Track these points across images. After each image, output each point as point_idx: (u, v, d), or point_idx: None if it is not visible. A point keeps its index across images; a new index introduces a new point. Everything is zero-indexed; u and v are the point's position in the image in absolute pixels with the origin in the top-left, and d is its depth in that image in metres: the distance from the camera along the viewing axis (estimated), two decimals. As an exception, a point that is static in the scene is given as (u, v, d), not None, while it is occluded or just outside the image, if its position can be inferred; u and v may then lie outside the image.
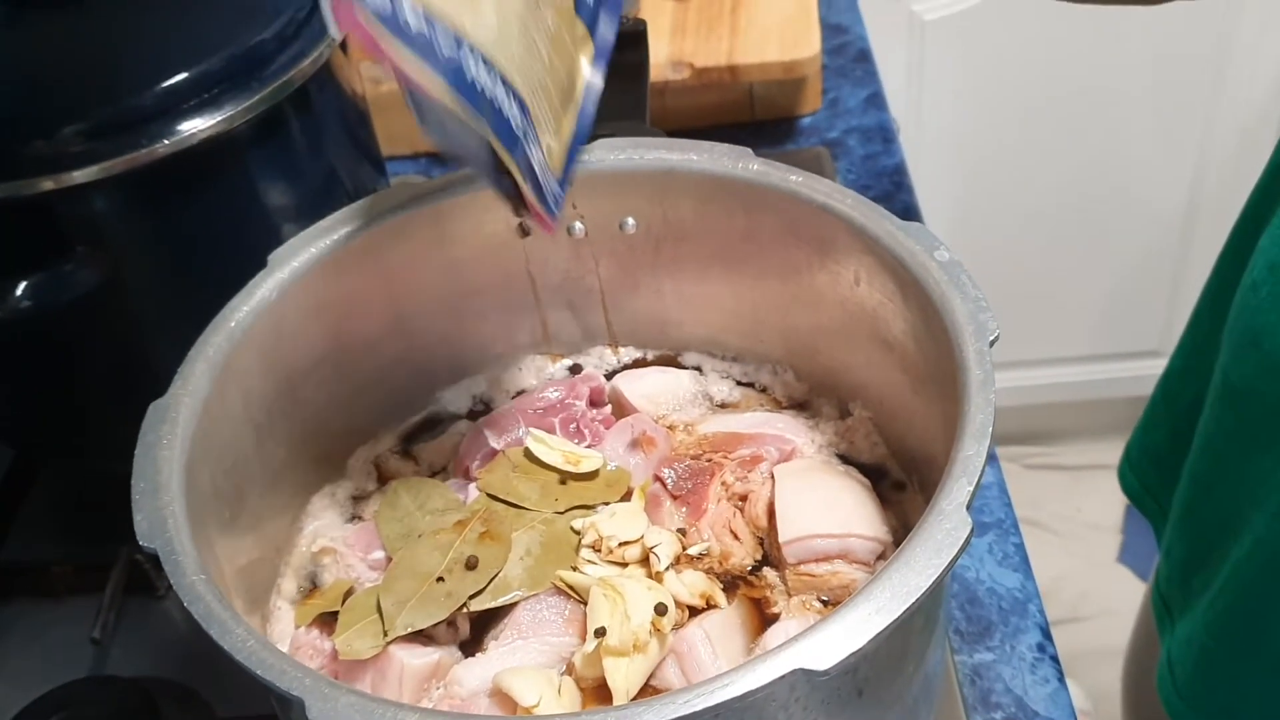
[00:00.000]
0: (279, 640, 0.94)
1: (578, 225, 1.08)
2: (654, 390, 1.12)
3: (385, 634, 0.88)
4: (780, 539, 0.94)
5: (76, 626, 1.20)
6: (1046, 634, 1.16)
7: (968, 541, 0.70)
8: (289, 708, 0.68)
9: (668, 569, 0.93)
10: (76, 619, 1.21)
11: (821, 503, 0.96)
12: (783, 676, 0.64)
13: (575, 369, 1.18)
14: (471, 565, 0.93)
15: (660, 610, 0.87)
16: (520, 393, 1.16)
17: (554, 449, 1.02)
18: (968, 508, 0.71)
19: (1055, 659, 1.14)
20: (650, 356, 1.18)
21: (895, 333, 0.94)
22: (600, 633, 0.87)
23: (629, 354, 1.19)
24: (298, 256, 0.98)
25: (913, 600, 0.66)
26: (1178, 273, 2.88)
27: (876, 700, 0.77)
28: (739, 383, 1.14)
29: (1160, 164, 2.72)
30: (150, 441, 0.84)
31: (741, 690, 0.63)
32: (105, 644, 1.17)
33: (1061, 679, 1.14)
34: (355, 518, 1.06)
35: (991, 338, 0.81)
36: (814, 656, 0.64)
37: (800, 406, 1.10)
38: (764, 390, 1.13)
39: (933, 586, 0.67)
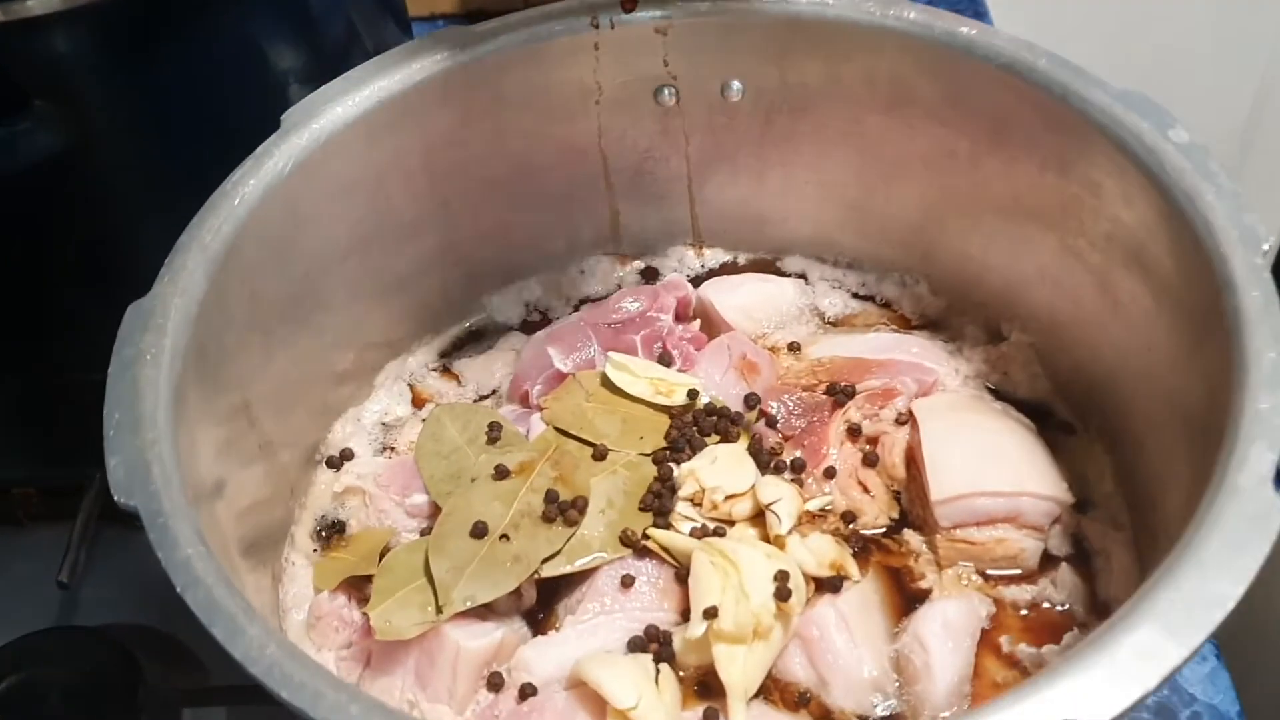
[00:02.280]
0: (293, 607, 0.75)
1: (667, 91, 0.86)
2: (750, 302, 0.92)
3: (439, 609, 0.68)
4: (932, 496, 0.75)
5: (42, 562, 1.01)
6: (1201, 602, 0.98)
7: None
8: (324, 736, 0.49)
9: (790, 532, 0.74)
10: (42, 553, 1.02)
11: (982, 451, 0.77)
12: (1044, 729, 0.45)
13: (649, 273, 0.97)
14: (546, 518, 0.73)
15: (783, 591, 0.68)
16: (584, 300, 0.95)
17: (639, 375, 0.82)
18: (1277, 482, 0.51)
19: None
20: (742, 260, 0.98)
21: (1095, 236, 0.73)
22: (711, 613, 0.68)
23: (715, 257, 0.98)
24: (318, 118, 0.77)
25: (1219, 617, 0.47)
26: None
27: None
28: (855, 294, 0.94)
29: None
30: (129, 356, 0.64)
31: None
32: (74, 587, 0.98)
33: (1219, 655, 0.95)
34: (387, 449, 0.86)
35: (1266, 246, 0.60)
36: (1086, 703, 0.45)
37: (934, 327, 0.90)
38: (887, 305, 0.93)
39: (1240, 596, 0.47)
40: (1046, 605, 0.74)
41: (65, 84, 0.86)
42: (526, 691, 0.69)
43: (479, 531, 0.72)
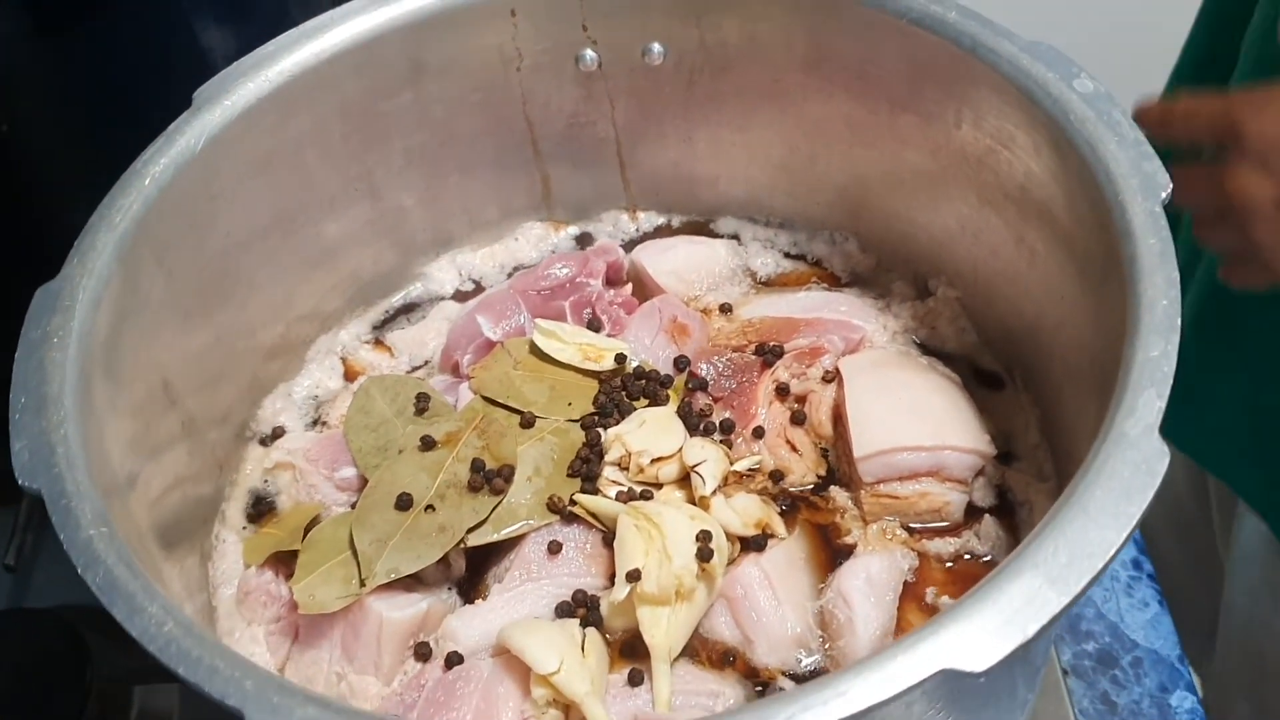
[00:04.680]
0: (223, 583, 0.75)
1: (588, 53, 0.86)
2: (683, 265, 0.91)
3: (362, 582, 0.69)
4: (855, 453, 0.75)
5: (-12, 546, 1.01)
6: (1142, 548, 0.99)
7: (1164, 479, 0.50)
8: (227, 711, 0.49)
9: (715, 493, 0.74)
10: (-12, 537, 1.02)
11: (905, 407, 0.77)
12: (921, 682, 0.45)
13: (584, 238, 0.97)
14: (472, 488, 0.73)
15: (705, 551, 0.68)
16: (518, 267, 0.95)
17: (567, 342, 0.82)
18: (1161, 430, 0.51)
19: (1154, 578, 0.97)
20: (676, 223, 0.98)
21: (1009, 187, 0.73)
22: (634, 576, 0.69)
23: (649, 220, 0.98)
24: (231, 93, 0.76)
25: (1100, 565, 0.47)
26: None
27: (1008, 674, 0.59)
28: (787, 254, 0.94)
29: None
30: (35, 340, 0.64)
31: (866, 703, 0.45)
32: (22, 571, 0.98)
33: (1162, 602, 0.96)
34: (319, 423, 0.86)
35: (1164, 194, 0.60)
36: (966, 652, 0.46)
37: (864, 283, 0.90)
38: (818, 263, 0.93)
39: (1124, 543, 0.48)
40: (969, 557, 0.74)
41: (-12, 68, 0.86)
42: (452, 660, 0.69)
43: (404, 503, 0.72)
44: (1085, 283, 0.67)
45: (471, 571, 0.75)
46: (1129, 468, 0.50)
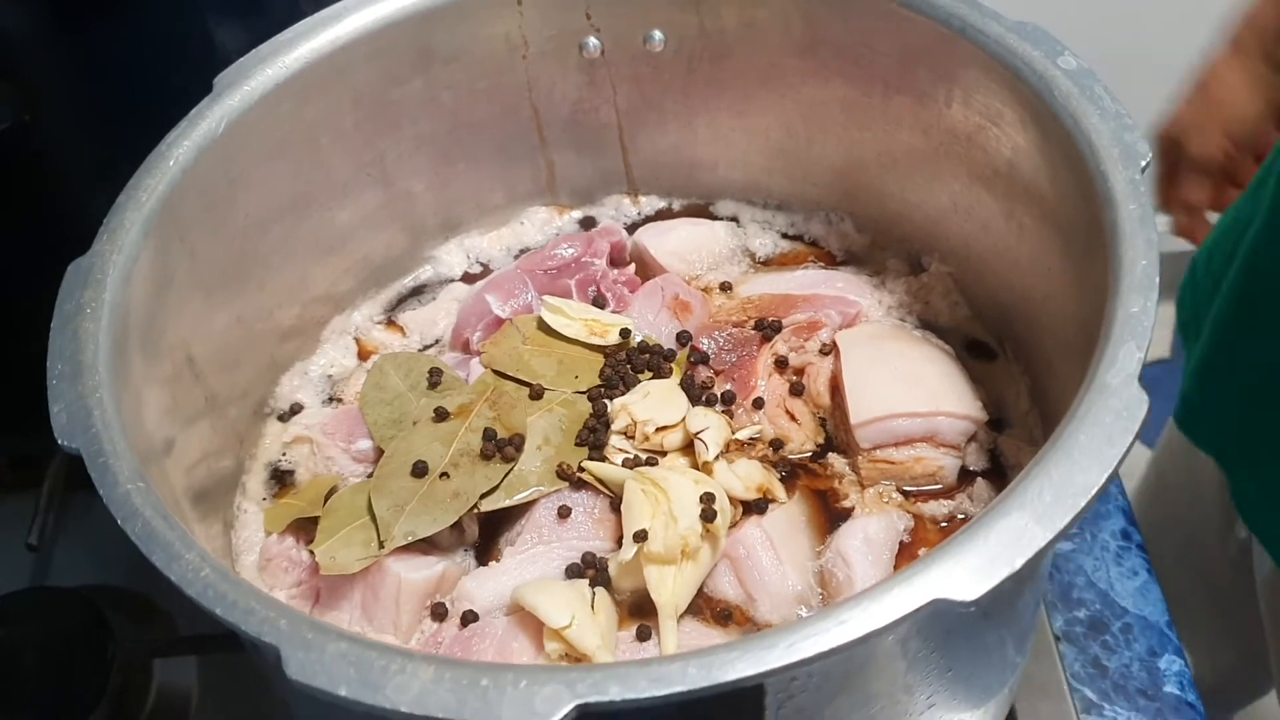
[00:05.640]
0: (245, 551, 0.78)
1: (592, 41, 0.89)
2: (684, 245, 0.94)
3: (381, 544, 0.72)
4: (851, 420, 0.78)
5: (12, 530, 1.05)
6: (1131, 518, 1.02)
7: (1144, 424, 0.53)
8: (262, 652, 0.52)
9: (717, 458, 0.77)
10: (12, 521, 1.05)
11: (899, 376, 0.80)
12: (916, 610, 0.48)
13: (587, 222, 1.00)
14: (484, 456, 0.76)
15: (708, 513, 0.71)
16: (524, 251, 0.98)
17: (573, 317, 0.85)
18: (1140, 380, 0.54)
19: (1143, 547, 1.00)
20: (676, 206, 1.01)
21: (998, 164, 0.76)
22: (640, 537, 0.71)
23: (651, 204, 1.01)
24: (250, 79, 0.79)
25: (1083, 504, 0.50)
26: None
27: (1000, 619, 0.62)
28: (784, 235, 0.97)
29: None
30: (69, 311, 0.66)
31: (864, 630, 0.48)
32: (44, 550, 1.01)
33: (1150, 570, 0.99)
34: (334, 400, 0.89)
35: (1144, 163, 0.63)
36: (957, 583, 0.49)
37: (860, 261, 0.93)
38: (814, 243, 0.96)
39: (1105, 484, 0.51)
40: (962, 517, 0.77)
41: (14, 61, 0.88)
42: (468, 618, 0.72)
43: (419, 471, 0.75)
44: (1070, 254, 0.70)
45: (484, 536, 0.78)
46: (1110, 414, 0.53)
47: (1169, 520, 1.31)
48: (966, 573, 0.49)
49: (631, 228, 0.98)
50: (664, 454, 0.80)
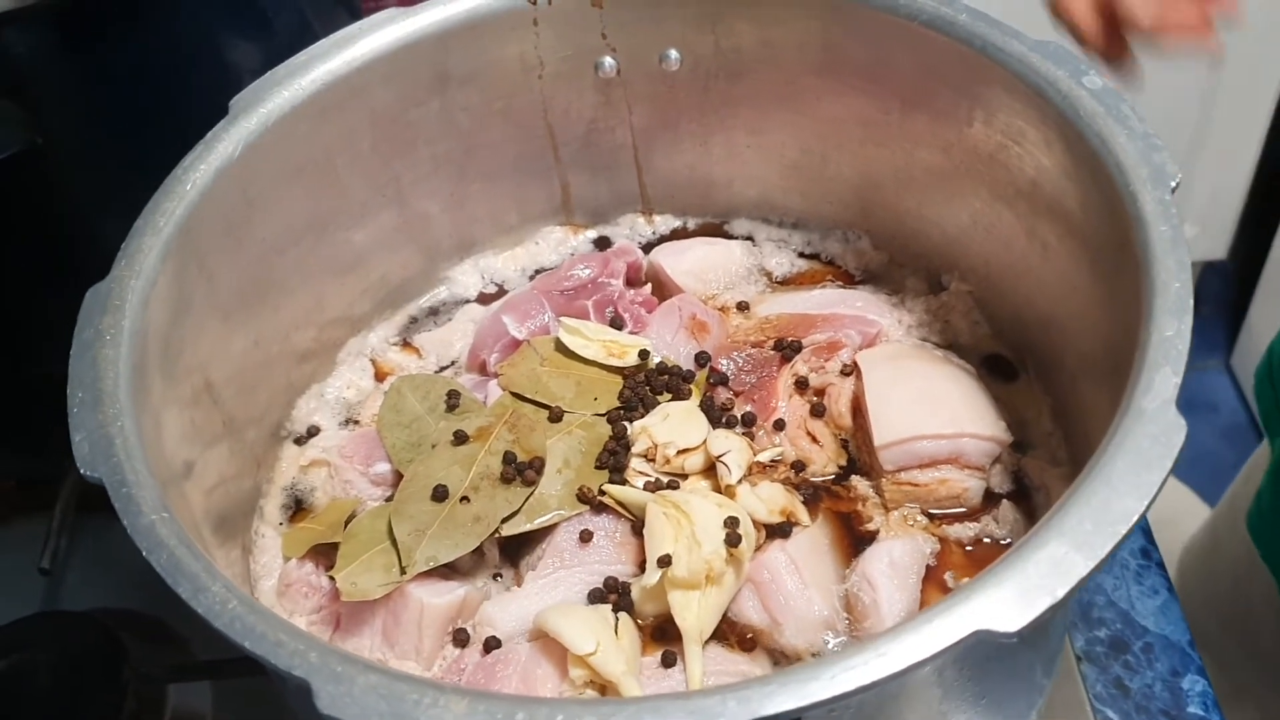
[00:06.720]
0: (263, 576, 0.78)
1: (607, 60, 0.88)
2: (700, 265, 0.94)
3: (403, 569, 0.71)
4: (875, 442, 0.77)
5: (24, 553, 1.03)
6: (1150, 537, 1.01)
7: (1181, 450, 0.53)
8: (288, 683, 0.51)
9: (740, 482, 0.76)
10: (24, 544, 1.04)
11: (923, 397, 0.79)
12: (958, 642, 0.47)
13: (602, 242, 0.99)
14: (504, 479, 0.75)
15: (733, 537, 0.71)
16: (539, 271, 0.97)
17: (591, 339, 0.84)
18: (1177, 404, 0.54)
19: (1162, 566, 0.99)
20: (691, 225, 1.00)
21: (1021, 182, 0.76)
22: (664, 562, 0.71)
23: (665, 223, 1.00)
24: (266, 102, 0.79)
25: (1123, 532, 0.50)
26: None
27: (1032, 642, 0.61)
28: (801, 253, 0.96)
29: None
30: (88, 339, 0.66)
31: (905, 663, 0.47)
32: (57, 574, 1.00)
33: (1171, 589, 0.99)
34: (351, 422, 0.88)
35: (1173, 183, 0.63)
36: (998, 615, 0.48)
37: (878, 280, 0.93)
38: (831, 262, 0.95)
39: (1145, 512, 0.50)
40: (988, 540, 0.77)
41: (23, 83, 0.88)
42: (491, 645, 0.71)
43: (440, 495, 0.75)
44: (1097, 273, 0.69)
45: (505, 561, 0.78)
46: (1148, 440, 0.53)
47: (1218, 590, 1.25)
48: (1007, 603, 0.48)
49: (646, 247, 0.98)
50: (685, 477, 0.79)
